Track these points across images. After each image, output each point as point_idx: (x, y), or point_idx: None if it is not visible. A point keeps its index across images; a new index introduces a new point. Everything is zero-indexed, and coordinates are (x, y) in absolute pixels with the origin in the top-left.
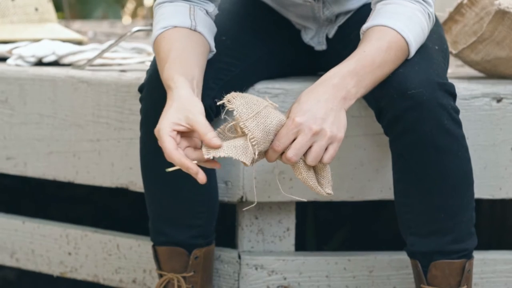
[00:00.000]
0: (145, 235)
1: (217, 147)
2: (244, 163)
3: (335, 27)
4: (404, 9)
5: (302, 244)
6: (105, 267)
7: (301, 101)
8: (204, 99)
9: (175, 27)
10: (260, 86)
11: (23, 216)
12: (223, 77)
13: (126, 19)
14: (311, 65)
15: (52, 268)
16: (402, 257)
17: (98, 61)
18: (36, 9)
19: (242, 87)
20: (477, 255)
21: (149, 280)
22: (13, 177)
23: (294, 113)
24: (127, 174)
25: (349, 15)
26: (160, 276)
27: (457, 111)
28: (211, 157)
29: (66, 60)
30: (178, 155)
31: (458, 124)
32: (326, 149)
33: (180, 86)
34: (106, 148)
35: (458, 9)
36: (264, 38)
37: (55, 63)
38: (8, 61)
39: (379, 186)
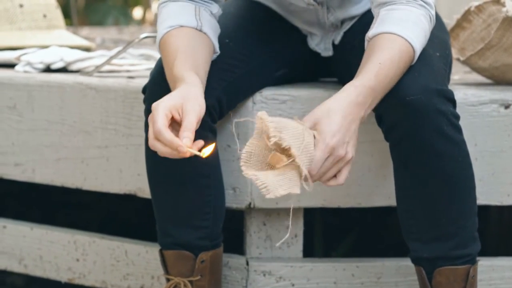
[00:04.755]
0: (153, 241)
1: (182, 150)
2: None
3: (341, 33)
4: (409, 15)
5: (310, 250)
6: (113, 274)
7: (331, 120)
8: (207, 98)
9: (182, 26)
10: (268, 92)
11: (31, 222)
12: (226, 78)
13: (136, 24)
14: (318, 71)
15: (60, 274)
16: (410, 263)
17: (106, 67)
18: (44, 16)
19: (245, 90)
20: (485, 262)
21: (157, 286)
22: (21, 184)
23: (327, 133)
24: (135, 181)
25: (354, 20)
26: (167, 280)
27: (457, 117)
28: (273, 196)
29: (74, 67)
30: (169, 133)
31: (458, 129)
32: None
33: (193, 83)
34: (114, 154)
35: (466, 16)
36: (269, 43)
37: (63, 70)
38: (17, 67)
39: (387, 192)
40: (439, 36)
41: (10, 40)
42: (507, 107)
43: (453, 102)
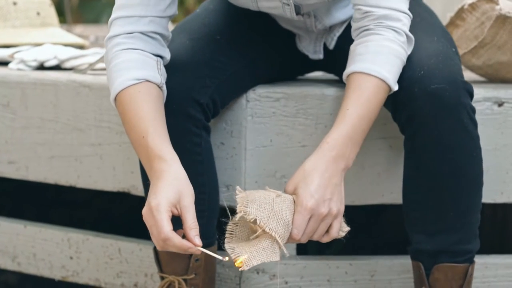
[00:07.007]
0: (146, 239)
1: (197, 246)
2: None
3: (335, 39)
4: (368, 46)
5: (304, 248)
6: (106, 271)
7: (307, 181)
8: (202, 97)
9: (148, 81)
10: (261, 90)
11: (25, 220)
12: (219, 76)
13: None
14: (310, 69)
15: (53, 272)
16: (403, 261)
17: (100, 65)
18: (38, 13)
19: (238, 87)
20: (479, 259)
21: (150, 285)
22: (15, 181)
23: (304, 196)
24: (129, 178)
25: (345, 25)
26: (162, 278)
27: (474, 111)
28: (246, 268)
29: (68, 65)
30: (178, 237)
31: (475, 124)
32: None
33: (175, 162)
34: (108, 152)
35: (459, 14)
36: (260, 41)
37: (57, 68)
38: (10, 65)
39: (381, 190)
40: (448, 34)
41: (3, 37)
42: (500, 105)
43: (472, 96)
